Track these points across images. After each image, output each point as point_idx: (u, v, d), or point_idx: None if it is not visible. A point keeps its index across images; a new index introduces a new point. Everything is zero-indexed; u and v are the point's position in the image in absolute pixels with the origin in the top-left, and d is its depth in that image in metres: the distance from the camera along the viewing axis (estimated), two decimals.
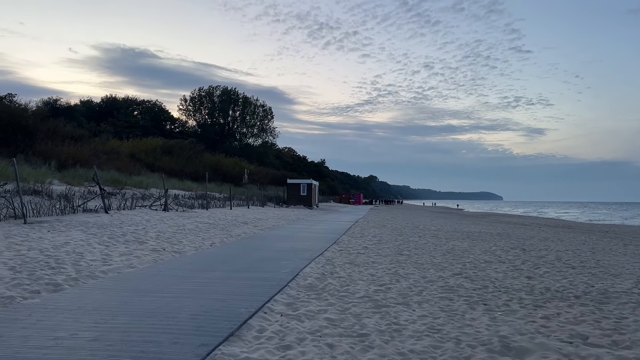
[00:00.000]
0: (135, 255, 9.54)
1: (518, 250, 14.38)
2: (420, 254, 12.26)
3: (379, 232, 18.88)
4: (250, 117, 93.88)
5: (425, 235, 18.54)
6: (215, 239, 13.35)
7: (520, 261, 11.69)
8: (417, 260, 11.15)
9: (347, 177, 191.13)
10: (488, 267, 10.41)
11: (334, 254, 11.53)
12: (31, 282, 6.58)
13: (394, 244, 14.44)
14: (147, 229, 13.60)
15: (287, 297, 6.62)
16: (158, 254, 10.02)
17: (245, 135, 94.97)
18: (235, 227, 17.19)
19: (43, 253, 8.64)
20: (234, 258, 9.97)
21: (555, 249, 15.01)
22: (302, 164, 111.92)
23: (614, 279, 9.30)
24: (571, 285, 8.45)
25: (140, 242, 11.21)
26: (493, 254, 12.98)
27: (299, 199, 43.27)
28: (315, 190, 47.07)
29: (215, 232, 14.95)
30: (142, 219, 16.23)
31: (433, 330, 5.31)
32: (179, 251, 10.64)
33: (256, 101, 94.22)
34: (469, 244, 15.66)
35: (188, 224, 16.37)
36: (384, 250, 12.74)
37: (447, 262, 10.94)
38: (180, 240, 12.37)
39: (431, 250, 13.35)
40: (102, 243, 10.52)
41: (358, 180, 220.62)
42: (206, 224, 16.92)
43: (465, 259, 11.65)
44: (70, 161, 25.14)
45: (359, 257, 11.24)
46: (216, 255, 10.36)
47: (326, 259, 10.65)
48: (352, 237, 16.44)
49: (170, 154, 45.61)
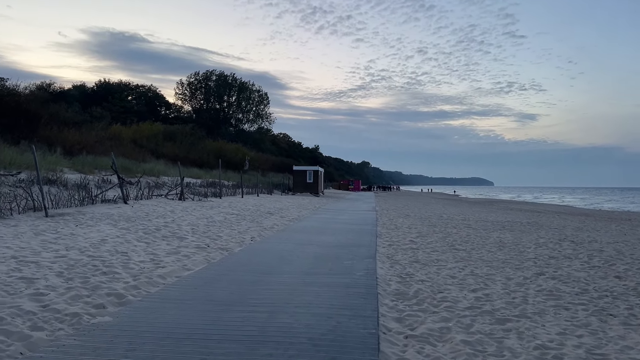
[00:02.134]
0: (182, 254, 8.58)
1: (568, 242, 13.59)
2: (476, 249, 11.40)
3: (409, 223, 18.01)
4: (246, 103, 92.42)
5: (458, 225, 17.71)
6: (252, 232, 12.41)
7: (585, 256, 10.86)
8: (480, 256, 10.29)
9: (341, 163, 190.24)
10: (562, 265, 9.57)
11: (389, 250, 10.64)
12: (89, 292, 5.63)
13: (437, 237, 13.58)
14: (177, 222, 12.63)
15: (388, 309, 5.72)
16: (205, 251, 9.06)
17: (240, 121, 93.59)
18: (263, 219, 16.23)
19: (84, 253, 7.67)
20: (288, 256, 9.05)
21: (604, 241, 14.23)
22: (297, 150, 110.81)
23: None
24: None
25: (180, 238, 10.24)
26: (547, 247, 12.17)
27: (305, 186, 42.31)
28: (322, 177, 46.14)
29: (247, 225, 13.99)
30: (164, 209, 15.24)
31: (595, 355, 4.44)
32: (224, 247, 9.69)
33: (252, 86, 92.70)
34: (512, 235, 14.83)
35: (214, 215, 15.39)
36: (434, 245, 11.87)
37: (513, 259, 10.10)
38: (218, 234, 11.42)
39: (481, 243, 12.51)
40: (140, 239, 9.54)
41: (351, 166, 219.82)
42: (233, 215, 15.95)
43: (526, 255, 10.81)
44: (77, 147, 23.97)
45: (417, 253, 10.35)
46: (267, 252, 9.43)
47: (386, 256, 9.75)
48: (387, 228, 15.56)
49: (173, 140, 44.39)
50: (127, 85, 74.00)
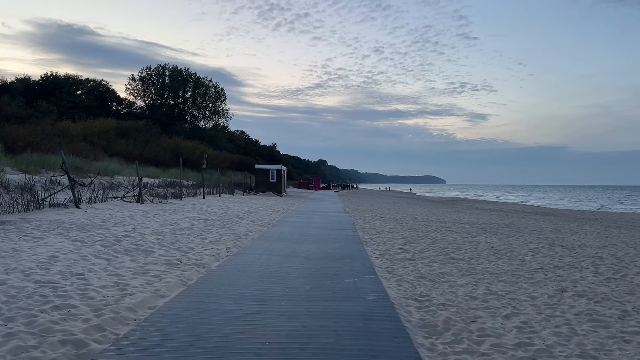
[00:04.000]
0: (152, 273, 7.18)
1: (559, 247, 12.89)
2: (474, 258, 10.46)
3: (388, 226, 17.00)
4: (202, 99, 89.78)
5: (439, 229, 16.84)
6: (226, 242, 11.05)
7: (588, 264, 10.11)
8: (485, 268, 9.33)
9: (299, 161, 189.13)
10: (573, 276, 8.72)
11: (384, 262, 9.53)
12: (37, 340, 4.22)
13: (426, 243, 12.59)
14: (139, 230, 11.11)
15: (427, 352, 4.58)
16: (178, 269, 7.68)
17: (196, 117, 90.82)
18: (234, 224, 14.83)
19: (30, 278, 6.16)
20: (276, 273, 7.80)
21: (593, 245, 13.65)
22: (254, 148, 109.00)
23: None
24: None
25: (145, 252, 8.79)
26: (544, 254, 11.38)
27: (267, 185, 40.85)
28: (285, 176, 44.79)
29: (218, 232, 12.60)
30: (123, 215, 13.62)
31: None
32: (199, 263, 8.32)
33: (209, 82, 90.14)
34: (500, 240, 14.04)
35: (179, 220, 13.89)
36: (428, 254, 10.86)
37: (519, 270, 9.19)
38: (188, 245, 10.01)
39: (475, 251, 11.60)
40: (99, 255, 8.04)
41: (309, 164, 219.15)
42: (200, 220, 14.48)
43: (529, 264, 9.95)
44: (20, 144, 21.76)
45: (416, 265, 9.29)
46: (250, 268, 8.13)
47: (386, 270, 8.63)
48: (368, 233, 14.47)
49: (126, 136, 41.96)
50: (76, 79, 70.05)
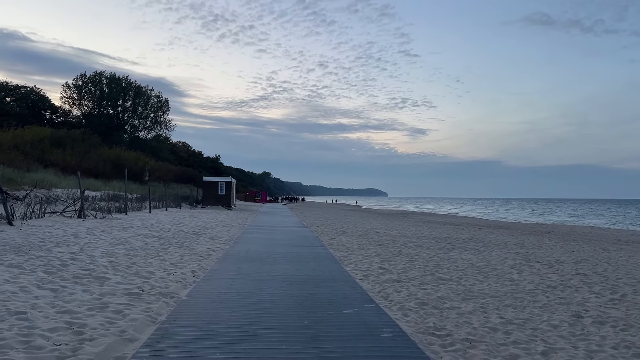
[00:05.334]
0: (112, 308, 5.88)
1: (537, 264, 12.44)
2: (464, 278, 9.71)
3: (356, 242, 16.10)
4: (143, 109, 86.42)
5: (407, 244, 16.12)
6: (189, 264, 9.77)
7: (579, 283, 9.64)
8: (481, 290, 8.57)
9: (243, 173, 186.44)
10: (576, 299, 8.13)
11: (373, 285, 8.57)
12: None
13: (404, 261, 11.76)
14: (87, 251, 9.66)
15: None
16: (142, 301, 6.40)
17: (137, 127, 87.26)
18: (192, 242, 13.47)
19: None
20: (259, 302, 6.69)
21: (567, 260, 13.35)
22: (198, 160, 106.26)
23: None
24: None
25: (99, 278, 7.43)
26: (529, 272, 10.84)
27: (216, 198, 39.15)
28: (234, 189, 43.22)
29: (177, 252, 11.25)
30: (65, 232, 12.02)
31: None
32: (165, 292, 7.05)
33: (151, 91, 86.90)
34: (475, 257, 13.46)
35: (130, 238, 12.42)
36: (412, 274, 10.02)
37: (518, 292, 8.52)
38: (148, 269, 8.68)
39: (458, 269, 10.88)
40: (42, 285, 6.63)
41: (253, 176, 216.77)
42: (153, 238, 13.03)
43: (523, 285, 9.33)
44: None
45: (409, 288, 8.38)
46: (226, 297, 6.96)
47: (381, 296, 7.67)
48: (340, 251, 13.50)
49: (62, 146, 39.11)
50: (5, 86, 65.48)
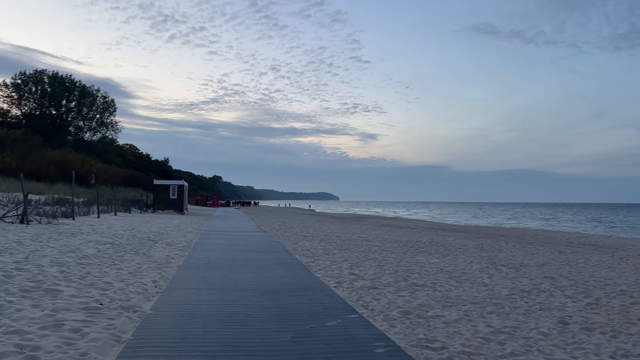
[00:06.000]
0: (69, 326, 5.18)
1: (504, 267, 12.42)
2: (438, 284, 9.46)
3: (320, 247, 15.65)
4: (89, 109, 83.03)
5: (371, 248, 15.82)
6: (149, 273, 9.04)
7: (552, 287, 9.59)
8: (456, 295, 8.32)
9: (192, 176, 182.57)
10: (555, 304, 8.01)
11: (350, 294, 8.14)
12: None
13: (372, 266, 11.42)
14: (34, 260, 8.77)
15: None
16: (102, 316, 5.72)
17: (81, 129, 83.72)
18: (148, 249, 12.65)
19: None
20: (230, 315, 6.14)
21: (530, 264, 13.42)
22: (146, 163, 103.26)
23: None
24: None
25: (50, 291, 6.64)
26: (498, 276, 10.75)
27: (168, 202, 37.80)
28: (186, 192, 41.92)
29: (133, 260, 10.46)
30: (6, 239, 11.01)
31: None
32: (126, 305, 6.37)
33: (96, 92, 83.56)
34: (442, 261, 13.31)
35: (81, 245, 11.50)
36: (385, 280, 9.68)
37: (494, 297, 8.32)
38: (104, 279, 7.92)
39: (428, 274, 10.64)
40: None
41: (203, 180, 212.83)
42: (107, 245, 12.13)
43: (498, 291, 9.18)
44: None
45: (386, 295, 8.01)
46: (197, 310, 6.36)
47: (361, 306, 7.26)
48: (306, 256, 13.01)
49: (1, 147, 36.70)
50: None
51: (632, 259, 16.40)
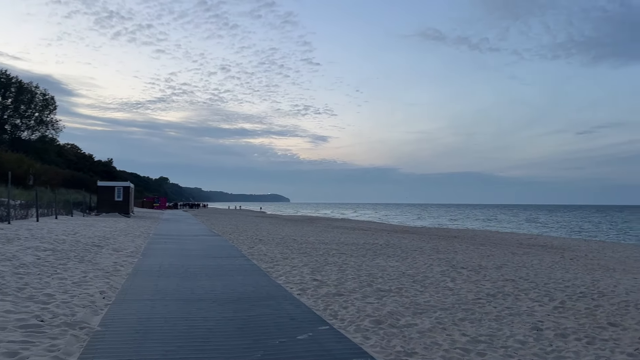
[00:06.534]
0: (3, 349, 4.50)
1: (464, 270, 12.36)
2: (402, 288, 9.19)
3: (276, 251, 15.15)
4: (27, 107, 78.90)
5: (330, 251, 15.47)
6: (96, 282, 8.30)
7: (515, 290, 9.54)
8: (424, 301, 8.07)
9: (138, 178, 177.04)
10: (523, 309, 7.90)
11: (315, 301, 7.73)
12: None
13: (333, 271, 11.05)
14: None
15: None
16: (44, 335, 5.05)
17: (19, 127, 79.46)
18: (94, 255, 11.78)
19: None
20: (195, 332, 5.60)
21: (488, 265, 13.46)
22: (88, 163, 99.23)
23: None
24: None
25: None
26: (459, 278, 10.63)
27: (113, 205, 36.17)
28: (132, 194, 40.30)
29: (78, 268, 9.64)
30: None
31: None
32: (73, 322, 5.69)
33: (35, 89, 79.50)
34: (400, 263, 13.13)
35: (18, 252, 10.53)
36: (348, 285, 9.33)
37: (461, 302, 8.13)
38: (45, 291, 7.15)
39: (391, 278, 10.37)
40: None
41: (149, 181, 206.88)
42: (47, 252, 11.19)
43: (463, 295, 9.02)
44: None
45: (353, 302, 7.64)
46: (152, 325, 5.77)
47: (329, 315, 6.85)
48: (264, 262, 12.50)
49: None
50: None
51: (581, 260, 16.84)
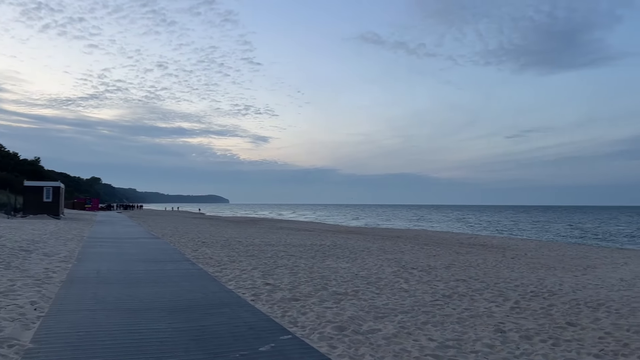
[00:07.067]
0: None
1: (414, 270, 12.32)
2: (359, 291, 8.93)
3: (222, 254, 14.54)
4: None
5: (278, 253, 15.03)
6: (25, 291, 7.47)
7: (467, 290, 9.54)
8: (383, 304, 7.84)
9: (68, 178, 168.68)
10: (477, 308, 7.85)
11: (272, 308, 7.29)
12: None
13: (284, 274, 10.66)
14: None
15: None
16: None
17: None
18: (22, 260, 10.75)
19: None
20: (146, 346, 5.05)
21: (436, 265, 13.52)
22: (12, 162, 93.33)
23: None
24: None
25: None
26: (412, 280, 10.53)
27: (41, 206, 33.89)
28: (63, 195, 38.01)
29: (3, 275, 8.70)
30: None
31: None
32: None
33: None
34: (350, 264, 12.92)
35: None
36: (303, 289, 8.96)
37: (420, 304, 7.97)
38: None
39: (345, 280, 10.11)
40: None
41: (80, 182, 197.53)
42: None
43: (419, 296, 8.89)
44: None
45: (311, 307, 7.27)
46: (94, 339, 5.15)
47: (289, 322, 6.45)
48: (210, 265, 11.89)
49: None
50: None
51: (523, 258, 17.30)
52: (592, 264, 16.11)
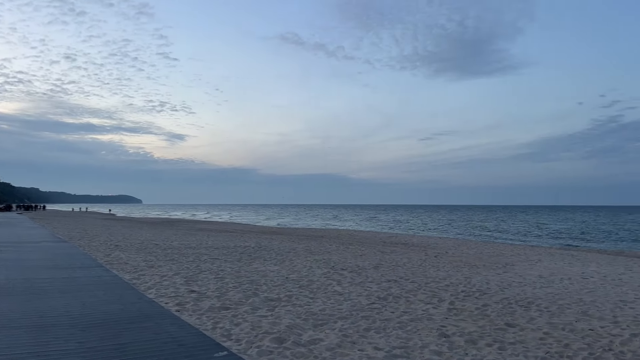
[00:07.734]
0: None
1: (345, 272, 12.05)
2: (292, 296, 8.46)
3: (138, 258, 13.47)
4: None
5: (201, 256, 14.18)
6: None
7: (400, 292, 9.37)
8: (319, 309, 7.42)
9: None
10: (415, 311, 7.65)
11: (200, 319, 6.61)
12: None
13: (210, 279, 9.95)
14: None
15: None
16: None
17: None
18: None
19: None
20: None
21: (366, 266, 13.35)
22: None
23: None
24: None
25: None
26: (344, 282, 10.24)
27: None
28: None
29: None
30: None
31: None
32: None
33: None
34: (278, 266, 12.42)
35: None
36: (232, 296, 8.34)
37: (357, 308, 7.65)
38: None
39: (275, 284, 9.60)
40: None
41: None
42: None
43: (355, 300, 8.57)
44: None
45: (243, 317, 6.69)
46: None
47: (221, 335, 5.82)
48: (126, 272, 10.87)
49: None
50: None
51: (445, 257, 17.62)
52: (510, 262, 16.70)
